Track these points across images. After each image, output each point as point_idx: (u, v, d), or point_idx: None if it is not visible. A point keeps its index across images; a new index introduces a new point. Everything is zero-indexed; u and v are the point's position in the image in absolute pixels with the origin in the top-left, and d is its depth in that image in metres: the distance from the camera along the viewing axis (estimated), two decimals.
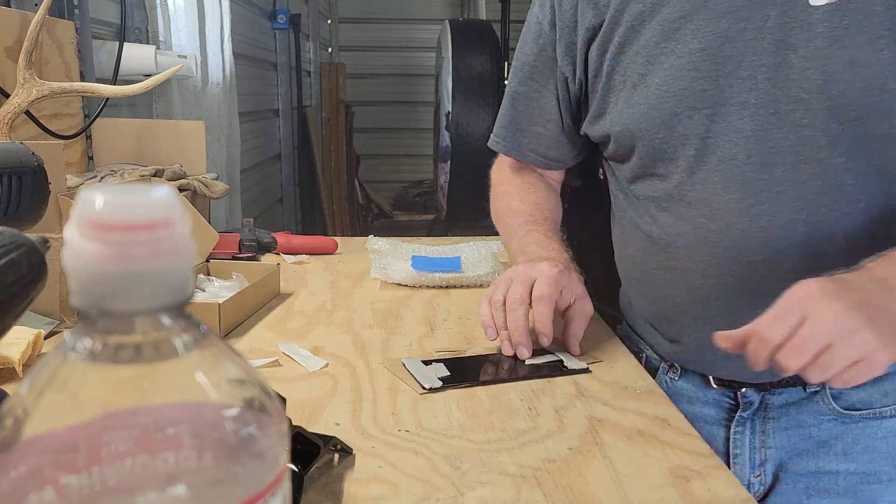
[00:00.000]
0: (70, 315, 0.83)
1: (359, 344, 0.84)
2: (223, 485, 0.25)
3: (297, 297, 1.04)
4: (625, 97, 0.78)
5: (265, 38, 4.15)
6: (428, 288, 1.09)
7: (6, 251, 0.42)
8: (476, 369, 0.77)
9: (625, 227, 0.88)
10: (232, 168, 2.73)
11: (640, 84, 0.76)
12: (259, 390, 0.27)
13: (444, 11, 6.28)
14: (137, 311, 0.24)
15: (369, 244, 1.26)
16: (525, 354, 0.77)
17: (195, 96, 2.28)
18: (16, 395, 0.25)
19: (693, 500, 0.53)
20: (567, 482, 0.55)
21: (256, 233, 1.26)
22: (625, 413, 0.67)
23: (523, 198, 0.95)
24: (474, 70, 4.35)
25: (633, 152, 0.80)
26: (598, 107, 0.83)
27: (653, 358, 0.91)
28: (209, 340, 0.26)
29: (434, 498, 0.52)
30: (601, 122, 0.83)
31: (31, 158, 0.82)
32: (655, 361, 0.90)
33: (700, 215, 0.76)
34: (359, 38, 6.33)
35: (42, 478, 0.23)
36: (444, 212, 4.75)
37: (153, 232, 0.24)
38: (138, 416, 0.24)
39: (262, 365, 0.77)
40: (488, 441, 0.61)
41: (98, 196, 0.24)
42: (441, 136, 4.49)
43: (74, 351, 0.24)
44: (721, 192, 0.74)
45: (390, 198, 6.37)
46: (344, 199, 5.55)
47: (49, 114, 1.37)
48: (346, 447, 0.58)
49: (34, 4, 1.40)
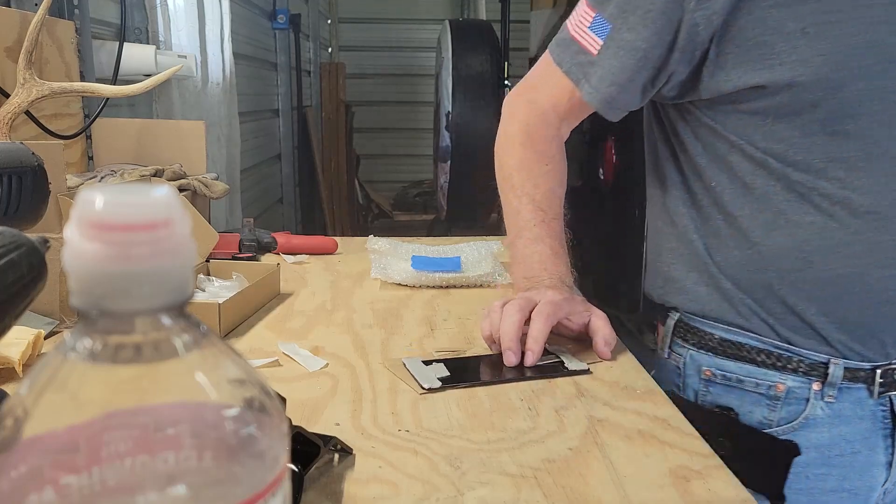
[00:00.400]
0: (70, 315, 0.83)
1: (359, 344, 0.84)
2: (223, 485, 0.25)
3: (297, 297, 1.04)
4: (809, 45, 0.73)
5: (265, 38, 4.15)
6: (428, 288, 1.09)
7: (6, 251, 0.42)
8: (476, 369, 0.77)
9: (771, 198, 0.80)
10: (232, 168, 2.73)
11: (830, 33, 0.73)
12: (259, 390, 0.27)
13: (444, 11, 6.29)
14: (137, 311, 0.24)
15: (369, 244, 1.26)
16: (512, 360, 0.75)
17: (195, 96, 2.28)
18: (16, 395, 0.25)
19: (693, 500, 0.53)
20: (567, 482, 0.55)
21: (256, 233, 1.26)
22: (625, 413, 0.67)
23: (537, 182, 0.89)
24: (474, 70, 4.36)
25: (816, 105, 0.75)
26: (761, 55, 0.75)
27: (796, 389, 0.82)
28: (209, 340, 0.26)
29: (434, 498, 0.52)
30: (767, 72, 0.75)
31: (31, 158, 0.82)
32: (801, 389, 0.82)
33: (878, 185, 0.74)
34: (359, 38, 6.34)
35: (42, 478, 0.23)
36: (444, 212, 4.76)
37: (153, 232, 0.24)
38: (138, 416, 0.24)
39: (262, 365, 0.77)
40: (488, 441, 0.61)
41: (98, 196, 0.24)
42: (441, 136, 4.49)
43: (74, 351, 0.24)
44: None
45: (390, 198, 6.38)
46: (344, 199, 5.55)
47: (49, 114, 1.37)
48: (346, 447, 0.58)
49: (34, 4, 1.40)
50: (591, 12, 0.83)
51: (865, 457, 0.83)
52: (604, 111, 0.86)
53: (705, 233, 0.86)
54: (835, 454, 0.83)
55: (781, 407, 0.83)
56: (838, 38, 0.72)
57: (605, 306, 0.83)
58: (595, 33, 0.83)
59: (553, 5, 3.94)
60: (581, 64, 0.85)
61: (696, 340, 0.88)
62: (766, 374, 0.83)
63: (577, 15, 0.86)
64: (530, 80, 0.94)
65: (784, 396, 0.82)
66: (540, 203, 0.88)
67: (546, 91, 0.91)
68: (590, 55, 0.84)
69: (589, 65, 0.84)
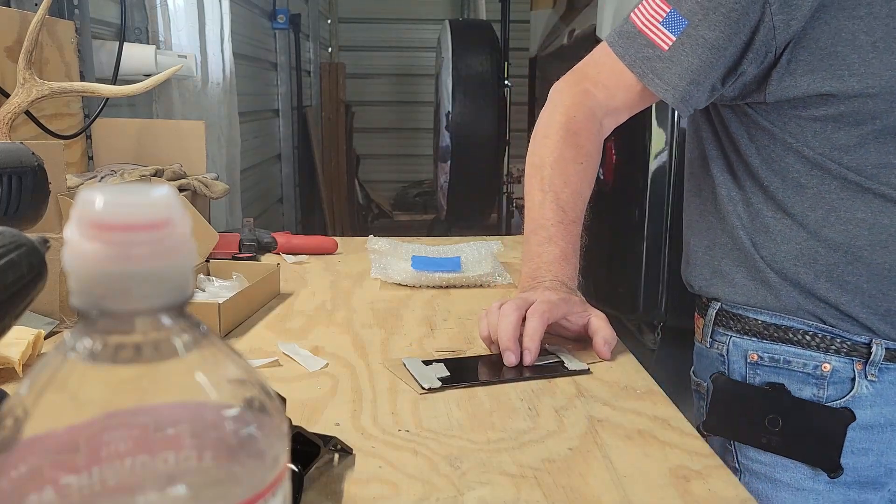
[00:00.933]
0: (70, 315, 0.83)
1: (359, 344, 0.84)
2: (223, 485, 0.25)
3: (297, 297, 1.04)
4: (880, 59, 0.75)
5: (265, 38, 4.15)
6: (428, 288, 1.09)
7: (6, 251, 0.42)
8: (476, 369, 0.77)
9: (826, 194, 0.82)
10: (232, 168, 2.73)
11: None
12: (259, 390, 0.27)
13: (444, 11, 6.29)
14: (137, 311, 0.24)
15: (369, 244, 1.26)
16: (511, 361, 0.76)
17: (195, 96, 2.28)
18: (16, 395, 0.25)
19: (693, 500, 0.53)
20: (567, 482, 0.55)
21: (256, 233, 1.26)
22: (625, 413, 0.67)
23: (567, 179, 0.88)
24: (474, 70, 4.36)
25: (878, 116, 0.77)
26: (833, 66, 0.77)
27: (840, 369, 0.85)
28: (209, 340, 0.26)
29: (434, 498, 0.52)
30: (836, 82, 0.77)
31: (31, 158, 0.82)
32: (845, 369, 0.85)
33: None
34: (359, 38, 6.34)
35: (42, 478, 0.23)
36: (444, 212, 4.76)
37: (153, 232, 0.24)
38: (138, 416, 0.24)
39: (262, 365, 0.77)
40: (488, 441, 0.61)
41: (98, 196, 0.24)
42: (441, 136, 4.49)
43: (74, 351, 0.24)
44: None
45: (390, 198, 6.38)
46: (344, 199, 5.55)
47: (49, 114, 1.37)
48: (346, 447, 0.58)
49: (34, 4, 1.40)
50: (666, 7, 0.83)
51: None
52: (680, 108, 0.86)
53: (753, 229, 0.88)
54: (876, 432, 0.85)
55: (828, 385, 0.85)
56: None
57: (605, 306, 0.83)
58: (668, 29, 0.83)
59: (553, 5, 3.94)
60: (648, 58, 0.84)
61: (740, 327, 0.90)
62: (812, 356, 0.86)
63: (648, 8, 0.85)
64: (584, 70, 0.93)
65: (829, 376, 0.85)
66: (564, 203, 0.87)
67: (602, 83, 0.90)
68: (659, 50, 0.83)
69: (658, 59, 0.84)
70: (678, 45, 0.82)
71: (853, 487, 0.86)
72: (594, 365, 0.78)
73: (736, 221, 0.89)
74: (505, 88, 4.39)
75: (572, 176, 0.88)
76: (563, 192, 0.88)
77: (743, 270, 0.90)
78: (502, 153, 4.45)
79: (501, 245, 1.27)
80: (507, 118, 4.41)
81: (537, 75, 4.31)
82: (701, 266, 0.95)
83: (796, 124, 0.82)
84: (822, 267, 0.84)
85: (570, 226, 0.87)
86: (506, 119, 4.41)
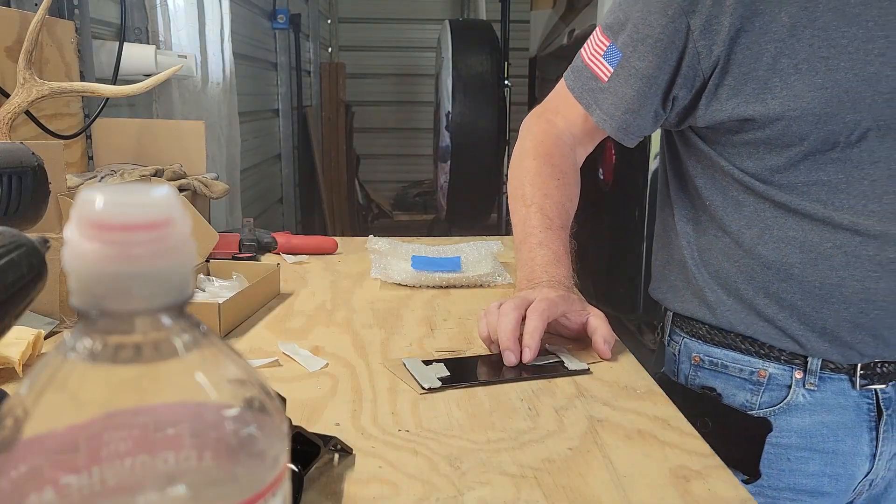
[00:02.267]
0: (70, 315, 0.83)
1: (359, 344, 0.84)
2: (223, 485, 0.25)
3: (297, 297, 1.04)
4: (802, 81, 0.77)
5: (265, 38, 4.15)
6: (428, 288, 1.09)
7: (6, 251, 0.42)
8: (476, 369, 0.77)
9: (762, 213, 0.84)
10: (232, 168, 2.73)
11: (823, 68, 0.76)
12: (259, 390, 0.27)
13: (444, 11, 6.29)
14: (137, 311, 0.24)
15: (369, 244, 1.26)
16: (511, 360, 0.76)
17: (195, 96, 2.28)
18: (16, 395, 0.25)
19: (693, 500, 0.53)
20: (567, 482, 0.55)
21: (256, 233, 1.26)
22: (625, 413, 0.67)
23: (548, 192, 0.91)
24: (474, 70, 4.36)
25: (806, 138, 0.78)
26: (755, 90, 0.79)
27: (778, 375, 0.86)
28: (209, 340, 0.26)
29: (434, 498, 0.52)
30: (758, 105, 0.79)
31: (31, 158, 0.82)
32: (782, 377, 0.86)
33: (888, 191, 0.77)
34: (359, 38, 6.34)
35: (42, 478, 0.23)
36: (444, 212, 4.76)
37: (153, 232, 0.24)
38: (138, 416, 0.24)
39: (262, 365, 0.77)
40: (488, 441, 0.61)
41: (98, 196, 0.24)
42: (441, 136, 4.49)
43: (74, 351, 0.24)
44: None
45: (390, 198, 6.38)
46: (344, 199, 5.55)
47: (49, 114, 1.37)
48: (346, 447, 0.58)
49: (34, 4, 1.40)
50: (606, 41, 0.88)
51: (849, 446, 0.86)
52: (619, 137, 0.90)
53: (699, 246, 0.92)
54: (817, 440, 0.86)
55: (763, 392, 0.87)
56: (830, 73, 0.75)
57: (605, 306, 0.84)
58: (608, 61, 0.87)
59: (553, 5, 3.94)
60: (592, 90, 0.89)
61: (689, 329, 0.94)
62: (750, 361, 0.88)
63: (593, 43, 0.90)
64: (547, 104, 0.99)
65: (766, 382, 0.87)
66: (548, 212, 0.90)
67: (561, 114, 0.95)
68: (600, 82, 0.88)
69: (599, 91, 0.89)
70: (614, 76, 0.87)
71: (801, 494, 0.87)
72: (594, 365, 0.78)
73: (683, 241, 0.93)
74: (505, 88, 4.39)
75: (552, 189, 0.91)
76: (546, 203, 0.90)
77: (688, 288, 0.93)
78: (502, 153, 4.45)
79: (501, 245, 1.27)
80: (507, 118, 4.41)
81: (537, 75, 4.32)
82: (659, 280, 1.00)
83: (731, 147, 0.84)
84: (760, 284, 0.86)
85: (557, 231, 0.89)
86: (506, 119, 4.41)
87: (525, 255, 0.88)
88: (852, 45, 0.75)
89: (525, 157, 0.95)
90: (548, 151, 0.94)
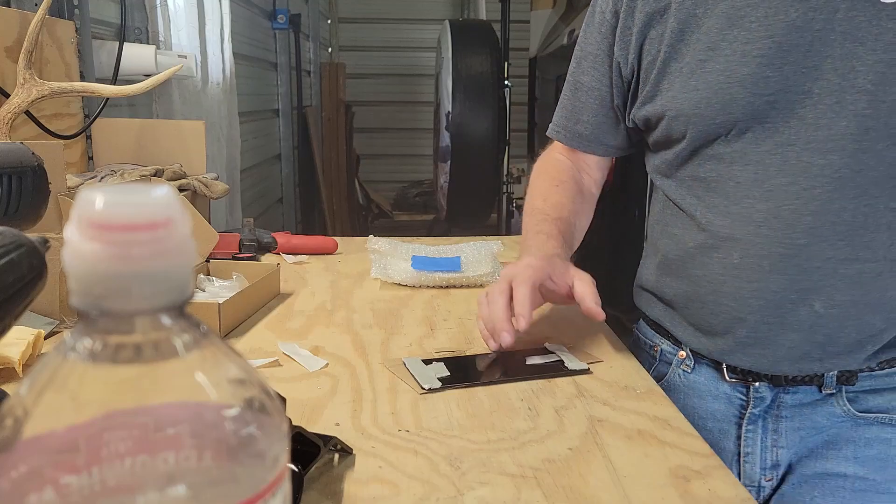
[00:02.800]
0: (70, 315, 0.83)
1: (359, 344, 0.84)
2: (223, 485, 0.25)
3: (297, 297, 1.04)
4: (681, 82, 0.80)
5: (265, 38, 4.15)
6: (428, 288, 1.09)
7: (6, 251, 0.42)
8: (476, 369, 0.77)
9: (665, 209, 0.89)
10: (232, 168, 2.73)
11: (699, 70, 0.78)
12: (259, 390, 0.27)
13: (444, 11, 6.29)
14: (137, 311, 0.24)
15: (369, 244, 1.26)
16: (507, 340, 0.74)
17: (195, 96, 2.28)
18: (16, 395, 0.25)
19: (693, 500, 0.53)
20: (567, 482, 0.55)
21: (256, 233, 1.26)
22: (625, 413, 0.67)
23: (546, 196, 0.96)
24: (474, 70, 4.36)
25: (685, 136, 0.81)
26: (650, 91, 0.84)
27: (668, 352, 0.91)
28: (209, 340, 0.26)
29: (434, 498, 0.52)
30: (651, 106, 0.84)
31: (31, 158, 0.82)
32: (670, 355, 0.91)
33: (748, 196, 0.77)
34: (359, 38, 6.34)
35: (42, 478, 0.23)
36: (444, 212, 4.76)
37: (153, 232, 0.24)
38: (138, 416, 0.24)
39: (262, 365, 0.77)
40: (488, 441, 0.61)
41: (98, 196, 0.24)
42: (441, 136, 4.49)
43: (74, 351, 0.24)
44: (775, 175, 0.76)
45: (390, 198, 6.38)
46: (344, 199, 5.55)
47: (49, 114, 1.37)
48: (346, 447, 0.58)
49: (34, 4, 1.40)
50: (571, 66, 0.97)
51: (716, 439, 0.86)
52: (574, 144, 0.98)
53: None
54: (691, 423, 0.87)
55: (656, 367, 0.93)
56: (704, 75, 0.78)
57: (606, 306, 0.83)
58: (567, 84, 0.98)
59: (553, 5, 3.94)
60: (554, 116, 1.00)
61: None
62: (652, 336, 0.95)
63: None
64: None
65: (658, 356, 0.93)
66: (546, 210, 0.94)
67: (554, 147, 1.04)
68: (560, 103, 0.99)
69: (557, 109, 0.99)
70: (565, 92, 0.97)
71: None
72: (594, 365, 0.78)
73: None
74: (505, 88, 4.39)
75: (550, 192, 0.96)
76: (546, 206, 0.95)
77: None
78: (502, 153, 4.45)
79: (501, 245, 1.27)
80: (506, 118, 4.41)
81: (537, 75, 4.32)
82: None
83: (648, 147, 0.91)
84: (660, 273, 0.92)
85: (553, 221, 0.91)
86: (506, 119, 4.41)
87: (523, 245, 0.90)
88: (731, 47, 0.76)
89: (531, 178, 1.02)
90: (545, 169, 1.00)
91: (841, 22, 0.71)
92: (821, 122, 0.73)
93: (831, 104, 0.72)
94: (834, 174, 0.73)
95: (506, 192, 4.64)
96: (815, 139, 0.73)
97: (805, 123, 0.74)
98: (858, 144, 0.72)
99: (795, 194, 0.75)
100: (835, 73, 0.72)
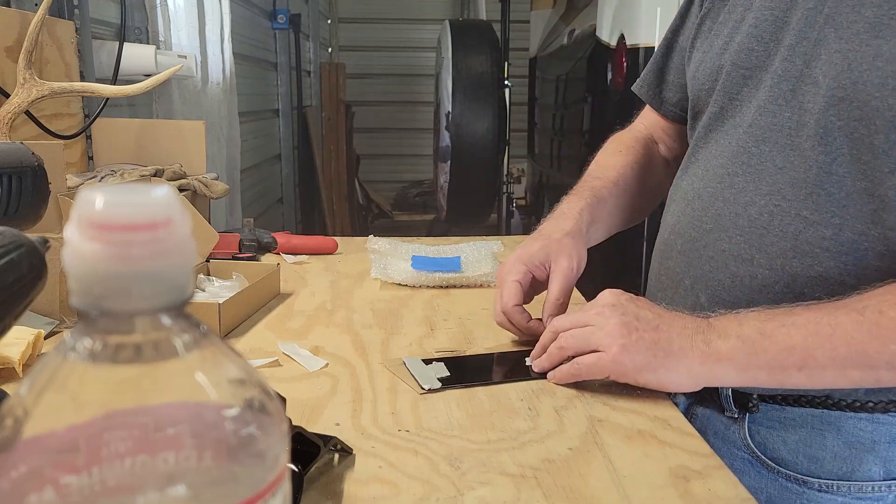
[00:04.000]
0: (70, 315, 0.83)
1: (359, 344, 0.84)
2: (223, 485, 0.25)
3: (297, 297, 1.04)
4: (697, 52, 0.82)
5: (265, 38, 4.15)
6: (428, 288, 1.09)
7: (6, 251, 0.42)
8: (476, 369, 0.77)
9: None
10: (232, 168, 2.73)
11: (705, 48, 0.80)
12: (259, 390, 0.27)
13: (444, 11, 6.29)
14: (137, 311, 0.24)
15: (369, 244, 1.26)
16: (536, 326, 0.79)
17: (195, 96, 2.28)
18: (16, 395, 0.25)
19: (693, 500, 0.53)
20: (567, 482, 0.55)
21: (256, 233, 1.26)
22: (625, 413, 0.67)
23: (601, 161, 0.95)
24: (474, 70, 4.35)
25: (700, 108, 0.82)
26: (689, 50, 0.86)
27: None
28: (209, 340, 0.26)
29: (434, 498, 0.52)
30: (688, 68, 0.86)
31: (31, 158, 0.82)
32: None
33: (694, 175, 0.78)
34: (359, 38, 6.34)
35: (42, 478, 0.23)
36: (444, 212, 4.76)
37: (153, 232, 0.24)
38: (138, 416, 0.24)
39: (262, 365, 0.77)
40: (488, 441, 0.61)
41: (98, 196, 0.24)
42: (441, 136, 4.49)
43: (74, 351, 0.24)
44: (715, 156, 0.74)
45: (390, 198, 6.38)
46: (344, 199, 5.55)
47: (49, 114, 1.37)
48: (346, 447, 0.58)
49: (34, 4, 1.40)
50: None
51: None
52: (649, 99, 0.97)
53: None
54: None
55: None
56: (715, 38, 0.78)
57: None
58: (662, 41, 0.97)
59: (553, 5, 3.94)
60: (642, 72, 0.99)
61: None
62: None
63: None
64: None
65: None
66: (594, 171, 0.93)
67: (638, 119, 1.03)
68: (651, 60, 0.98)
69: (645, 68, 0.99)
70: (658, 49, 0.96)
71: None
72: None
73: None
74: (505, 88, 4.39)
75: (610, 157, 0.95)
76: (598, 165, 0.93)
77: None
78: (502, 153, 4.45)
79: (501, 245, 1.27)
80: (507, 118, 4.41)
81: (537, 75, 4.32)
82: None
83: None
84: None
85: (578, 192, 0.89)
86: (506, 119, 4.41)
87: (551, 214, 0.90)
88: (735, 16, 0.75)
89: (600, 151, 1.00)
90: (616, 137, 0.99)
91: (830, 4, 0.65)
92: (768, 108, 0.69)
93: (784, 91, 0.68)
94: (758, 165, 0.69)
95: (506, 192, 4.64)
96: (757, 125, 0.69)
97: (756, 107, 0.70)
98: (790, 140, 0.67)
99: (719, 178, 0.72)
100: (801, 57, 0.67)
